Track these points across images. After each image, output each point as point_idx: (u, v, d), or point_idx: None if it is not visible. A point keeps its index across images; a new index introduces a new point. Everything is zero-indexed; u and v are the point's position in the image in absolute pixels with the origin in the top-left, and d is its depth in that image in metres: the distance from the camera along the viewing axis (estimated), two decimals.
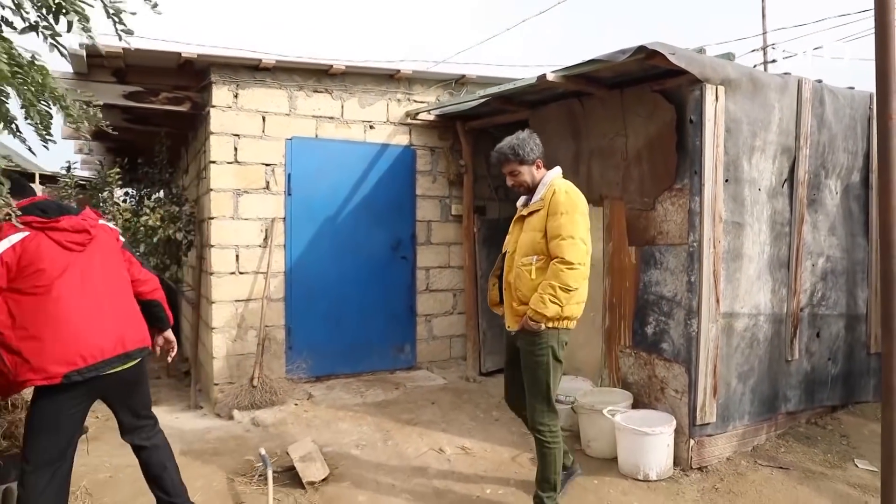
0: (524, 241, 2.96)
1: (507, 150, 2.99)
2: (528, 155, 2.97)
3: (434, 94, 5.88)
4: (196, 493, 3.47)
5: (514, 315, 3.00)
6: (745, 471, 3.66)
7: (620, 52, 3.45)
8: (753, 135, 3.74)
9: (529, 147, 2.98)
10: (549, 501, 3.02)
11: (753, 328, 3.87)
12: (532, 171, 3.01)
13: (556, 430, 3.00)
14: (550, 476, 3.01)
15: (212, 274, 5.04)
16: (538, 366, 2.93)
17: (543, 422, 2.98)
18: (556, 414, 3.02)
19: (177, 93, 5.16)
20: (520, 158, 2.97)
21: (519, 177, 3.01)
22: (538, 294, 2.84)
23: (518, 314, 2.96)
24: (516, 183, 3.05)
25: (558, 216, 2.85)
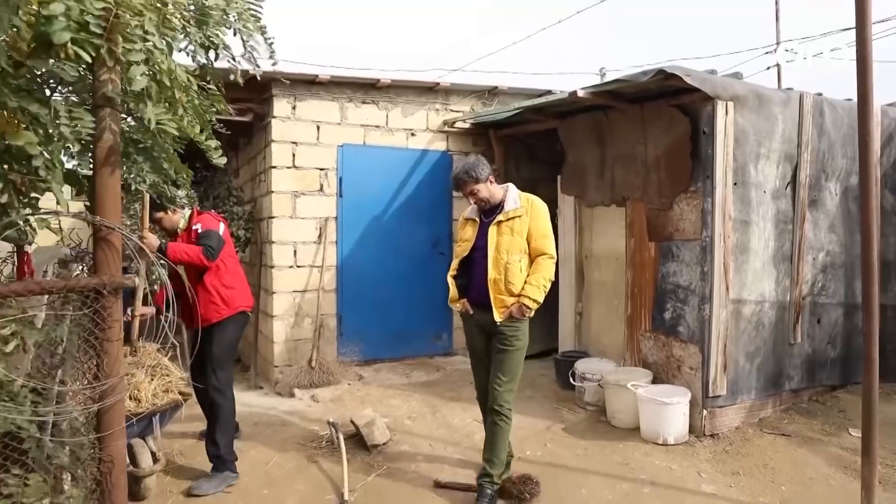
0: (511, 243, 3.36)
1: (464, 175, 3.38)
2: (481, 174, 3.38)
3: (469, 104, 6.44)
4: (274, 455, 4.08)
5: (502, 306, 3.33)
6: (751, 437, 4.20)
7: (643, 73, 4.00)
8: (759, 143, 4.27)
9: (480, 168, 3.37)
10: (497, 478, 3.36)
11: (759, 313, 4.40)
12: (488, 187, 3.42)
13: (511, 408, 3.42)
14: (502, 453, 3.39)
15: (272, 267, 5.65)
16: (518, 349, 3.40)
17: (509, 400, 3.37)
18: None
19: (241, 104, 5.76)
20: (475, 179, 3.37)
21: (479, 194, 3.42)
22: (533, 286, 3.30)
23: (506, 305, 3.36)
24: (478, 199, 3.44)
25: (539, 220, 3.40)
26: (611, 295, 5.16)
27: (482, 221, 3.53)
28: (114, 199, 1.66)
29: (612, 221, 5.09)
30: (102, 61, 1.57)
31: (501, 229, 3.41)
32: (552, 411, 4.87)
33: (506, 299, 3.34)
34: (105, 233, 1.66)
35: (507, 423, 3.39)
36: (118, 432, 1.68)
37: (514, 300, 3.33)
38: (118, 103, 1.66)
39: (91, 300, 1.64)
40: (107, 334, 1.64)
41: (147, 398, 3.40)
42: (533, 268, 3.38)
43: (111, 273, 1.65)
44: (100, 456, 1.66)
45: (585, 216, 5.47)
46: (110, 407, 1.66)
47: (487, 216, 3.51)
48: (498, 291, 3.35)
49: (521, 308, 3.31)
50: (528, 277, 3.35)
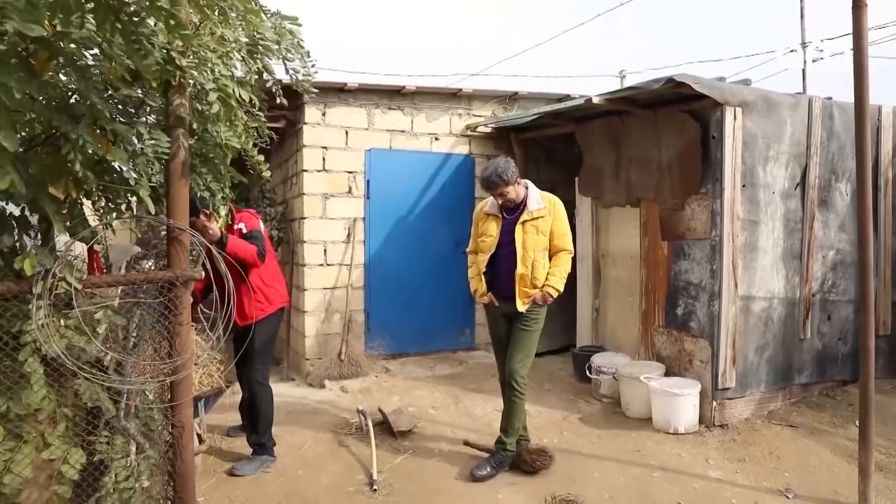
0: (536, 241, 3.67)
1: (496, 177, 3.62)
2: (511, 177, 3.66)
3: (490, 109, 6.70)
4: (308, 440, 4.39)
5: (525, 297, 3.69)
6: (759, 427, 4.39)
7: (654, 81, 4.22)
8: (768, 147, 4.46)
9: (510, 171, 3.65)
10: (510, 445, 3.78)
11: (768, 309, 4.58)
12: (516, 189, 3.71)
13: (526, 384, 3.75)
14: (516, 423, 3.78)
15: (304, 265, 5.98)
16: (535, 331, 3.76)
17: (524, 375, 3.72)
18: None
19: (274, 111, 6.09)
20: (506, 181, 3.64)
21: (508, 195, 3.70)
22: (556, 277, 3.70)
23: (529, 295, 3.68)
24: (506, 200, 3.71)
25: (560, 219, 3.76)
26: (626, 292, 5.38)
27: (505, 218, 3.80)
28: (184, 205, 1.97)
29: (627, 221, 5.31)
30: (177, 88, 1.87)
31: (527, 228, 3.71)
32: (569, 403, 5.10)
33: (529, 291, 3.70)
34: (177, 233, 1.96)
35: (522, 397, 3.76)
36: (187, 402, 1.98)
37: (536, 291, 3.69)
38: (187, 123, 1.97)
39: (165, 290, 1.95)
40: (178, 319, 1.94)
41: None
42: (554, 261, 3.75)
43: (182, 268, 1.95)
44: (172, 422, 1.97)
45: (602, 216, 5.70)
46: (181, 380, 1.97)
47: (510, 213, 3.79)
48: (524, 284, 3.69)
49: (544, 296, 3.69)
50: (550, 269, 3.73)
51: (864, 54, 3.26)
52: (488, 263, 3.84)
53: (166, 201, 1.96)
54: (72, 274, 1.80)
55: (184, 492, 1.98)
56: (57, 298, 1.84)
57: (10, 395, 1.89)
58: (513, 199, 3.73)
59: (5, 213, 1.85)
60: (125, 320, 1.91)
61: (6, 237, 1.81)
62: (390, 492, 3.60)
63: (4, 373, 1.88)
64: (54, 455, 1.84)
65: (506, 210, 3.82)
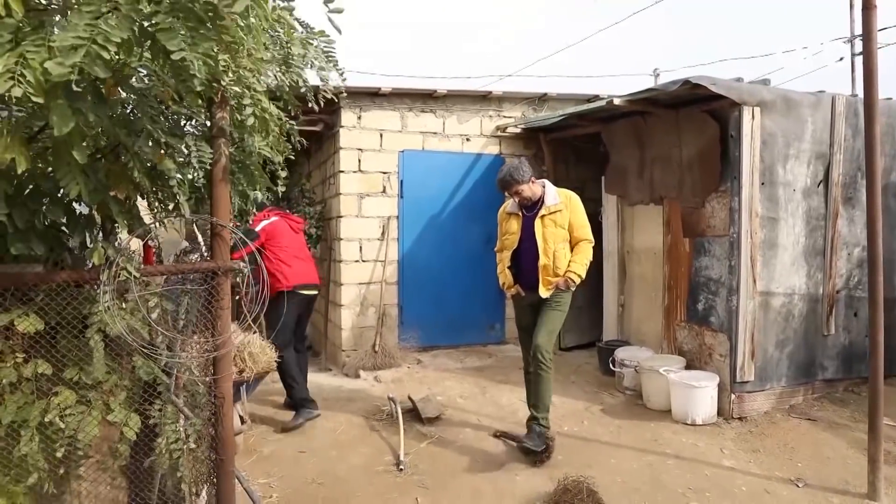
0: (556, 234, 3.94)
1: (509, 178, 3.92)
2: (524, 176, 3.92)
3: (520, 110, 6.90)
4: (342, 425, 4.70)
5: (548, 285, 3.95)
6: (777, 421, 4.48)
7: (672, 82, 4.36)
8: (787, 145, 4.53)
9: (522, 171, 3.92)
10: (543, 420, 4.01)
11: (789, 305, 4.66)
12: (530, 187, 3.96)
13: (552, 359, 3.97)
14: (545, 398, 4.01)
15: (340, 262, 6.30)
16: (560, 311, 4.02)
17: (549, 350, 3.96)
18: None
19: (312, 116, 6.43)
20: (518, 181, 3.91)
21: (522, 193, 3.96)
22: (577, 264, 3.94)
23: (552, 283, 3.95)
24: (522, 198, 3.98)
25: (577, 212, 4.01)
26: (650, 288, 5.51)
27: (525, 216, 4.08)
28: (225, 205, 2.26)
29: (650, 219, 5.44)
30: (219, 103, 2.17)
31: (545, 222, 3.98)
32: (593, 394, 5.27)
33: (552, 279, 3.96)
34: (219, 230, 2.26)
35: (548, 372, 3.98)
36: (227, 376, 2.28)
37: (559, 278, 3.95)
38: (228, 134, 2.26)
39: (209, 279, 2.25)
40: (220, 304, 2.25)
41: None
42: (576, 250, 4.01)
43: (223, 259, 2.25)
44: (214, 393, 2.27)
45: (627, 214, 5.83)
46: (222, 357, 2.27)
47: (529, 210, 4.06)
48: (546, 274, 3.97)
49: (566, 281, 3.94)
50: (572, 258, 3.97)
51: (873, 56, 3.35)
52: (513, 258, 4.13)
53: (210, 202, 2.26)
54: (131, 264, 2.11)
55: (224, 454, 2.27)
56: (119, 286, 2.16)
57: (81, 367, 2.23)
58: (528, 197, 3.99)
59: (76, 214, 2.18)
60: (174, 305, 2.22)
61: (77, 235, 2.15)
62: (415, 472, 3.86)
63: (78, 348, 2.22)
64: (116, 419, 2.17)
65: (525, 208, 4.08)
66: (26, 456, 2.08)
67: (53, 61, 1.51)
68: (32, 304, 2.15)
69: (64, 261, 2.19)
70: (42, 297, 2.18)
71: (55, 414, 2.09)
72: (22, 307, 2.11)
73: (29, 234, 2.02)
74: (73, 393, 2.15)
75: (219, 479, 2.28)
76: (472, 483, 3.69)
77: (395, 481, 3.75)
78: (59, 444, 2.12)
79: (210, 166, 2.23)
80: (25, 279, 2.03)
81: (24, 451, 2.09)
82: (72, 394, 2.14)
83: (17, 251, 2.02)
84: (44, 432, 2.12)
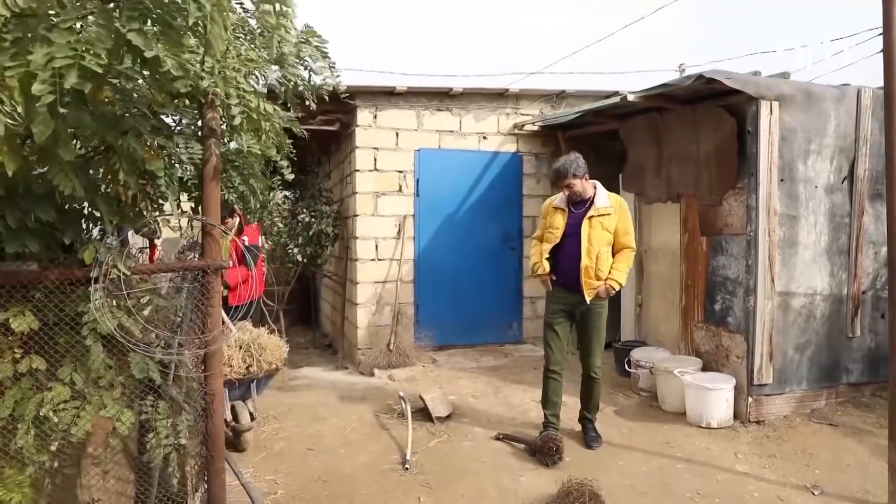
0: (601, 236, 3.88)
1: (564, 169, 3.90)
2: (578, 171, 3.90)
3: (538, 108, 6.83)
4: (353, 423, 4.71)
5: (591, 289, 3.90)
6: (797, 425, 4.34)
7: (686, 77, 4.25)
8: (808, 140, 4.38)
9: (579, 165, 3.91)
10: (595, 420, 4.21)
11: (810, 306, 4.50)
12: (582, 183, 3.92)
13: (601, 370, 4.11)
14: (596, 400, 4.22)
15: (356, 260, 6.33)
16: (603, 326, 4.04)
17: (599, 366, 4.10)
18: None
19: (328, 115, 6.49)
20: (573, 174, 3.88)
21: (573, 188, 3.93)
22: (619, 272, 3.91)
23: (594, 287, 3.89)
24: (572, 193, 3.95)
25: (626, 219, 3.98)
26: (667, 287, 5.40)
27: (572, 212, 4.04)
28: (215, 204, 2.28)
29: (668, 217, 5.32)
30: (208, 104, 2.19)
31: (593, 223, 3.94)
32: (607, 396, 5.18)
33: (593, 283, 3.92)
34: (209, 228, 2.29)
35: (600, 383, 4.19)
36: (217, 373, 2.30)
37: (600, 283, 3.92)
38: (219, 133, 2.28)
39: (200, 277, 2.28)
40: (210, 302, 2.27)
41: (238, 367, 4.10)
42: (618, 257, 3.96)
43: (213, 257, 2.27)
44: (205, 390, 2.29)
45: (645, 212, 5.72)
46: (213, 353, 2.29)
47: (577, 208, 4.02)
48: (588, 276, 3.92)
49: (607, 289, 3.91)
50: (614, 264, 3.93)
51: (893, 45, 3.21)
52: (552, 254, 4.09)
53: (201, 201, 2.28)
54: (122, 262, 2.15)
55: (214, 450, 2.30)
56: (114, 284, 2.20)
57: (77, 364, 2.28)
58: (578, 193, 3.95)
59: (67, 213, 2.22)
60: (167, 303, 2.25)
61: (71, 233, 2.19)
62: (421, 471, 3.85)
63: (74, 345, 2.27)
64: (109, 414, 2.21)
65: (573, 205, 4.04)
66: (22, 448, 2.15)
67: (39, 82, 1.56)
68: (30, 302, 2.20)
69: (58, 259, 2.24)
70: (40, 295, 2.24)
71: (49, 408, 2.14)
72: (19, 305, 2.17)
73: (22, 233, 2.07)
74: (68, 388, 2.20)
75: (209, 474, 2.31)
76: (476, 483, 3.66)
77: (399, 480, 3.75)
78: (53, 437, 2.17)
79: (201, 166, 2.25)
80: (19, 277, 2.09)
81: (19, 443, 2.14)
82: (65, 389, 2.19)
83: (11, 249, 2.07)
84: (39, 426, 2.17)
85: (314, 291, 8.94)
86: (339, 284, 7.06)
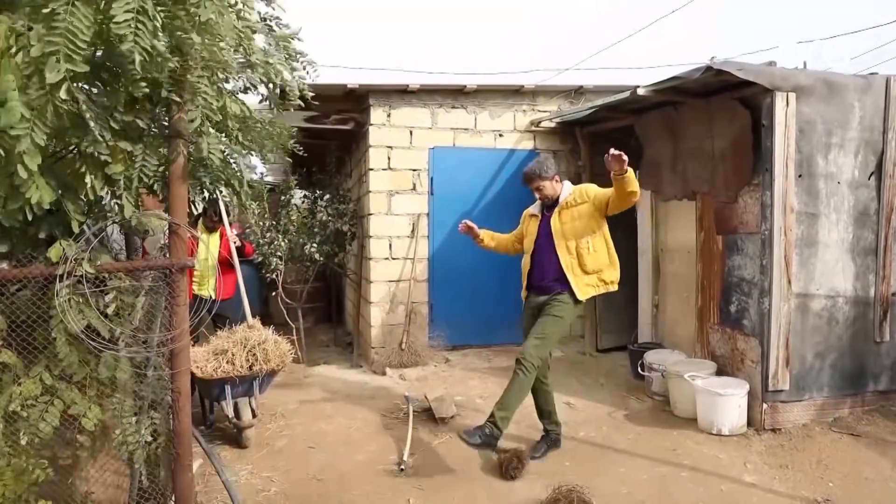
0: (574, 228, 3.73)
1: (532, 172, 3.83)
2: (547, 172, 3.78)
3: (556, 104, 6.69)
4: (357, 422, 4.69)
5: (585, 285, 3.76)
6: (815, 435, 4.11)
7: (695, 69, 4.08)
8: (829, 133, 4.15)
9: (547, 167, 3.79)
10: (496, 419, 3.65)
11: (831, 309, 4.26)
12: (552, 185, 3.81)
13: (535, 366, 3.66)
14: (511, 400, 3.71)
15: (370, 259, 6.33)
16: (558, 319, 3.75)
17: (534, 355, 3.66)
18: None
19: (343, 114, 6.50)
20: (540, 175, 3.78)
21: (543, 190, 3.83)
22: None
23: (587, 283, 3.76)
24: (542, 195, 3.84)
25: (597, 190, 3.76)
26: (683, 287, 5.20)
27: (544, 215, 3.95)
28: (182, 204, 2.28)
29: (683, 215, 5.13)
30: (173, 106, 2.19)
31: (563, 218, 3.82)
32: (620, 399, 5.04)
33: (584, 278, 3.76)
34: (175, 228, 2.29)
35: (525, 375, 3.66)
36: (184, 371, 2.30)
37: (591, 277, 3.74)
38: (185, 135, 2.28)
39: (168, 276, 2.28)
40: (176, 300, 2.27)
41: (241, 364, 4.14)
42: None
43: (178, 256, 2.27)
44: (171, 388, 2.30)
45: (661, 210, 5.53)
46: (179, 352, 2.29)
47: (549, 210, 3.92)
48: (574, 273, 3.76)
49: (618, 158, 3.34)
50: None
51: None
52: (532, 260, 3.98)
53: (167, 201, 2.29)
54: (88, 262, 2.17)
55: (180, 447, 2.30)
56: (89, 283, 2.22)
57: (49, 362, 2.32)
58: (549, 195, 3.86)
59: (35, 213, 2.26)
60: (132, 300, 2.26)
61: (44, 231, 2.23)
62: (415, 473, 3.80)
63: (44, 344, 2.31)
64: (77, 411, 2.24)
65: (546, 208, 3.95)
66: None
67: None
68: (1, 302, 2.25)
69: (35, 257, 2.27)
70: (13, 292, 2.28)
71: (17, 404, 2.18)
72: None
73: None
74: (39, 384, 2.24)
75: (175, 472, 2.31)
76: (469, 488, 3.59)
77: (392, 481, 3.71)
78: (24, 432, 2.21)
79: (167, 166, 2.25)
80: None
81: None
82: (36, 385, 2.23)
83: None
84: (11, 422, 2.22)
85: (336, 289, 8.99)
86: (355, 283, 7.07)
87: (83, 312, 2.20)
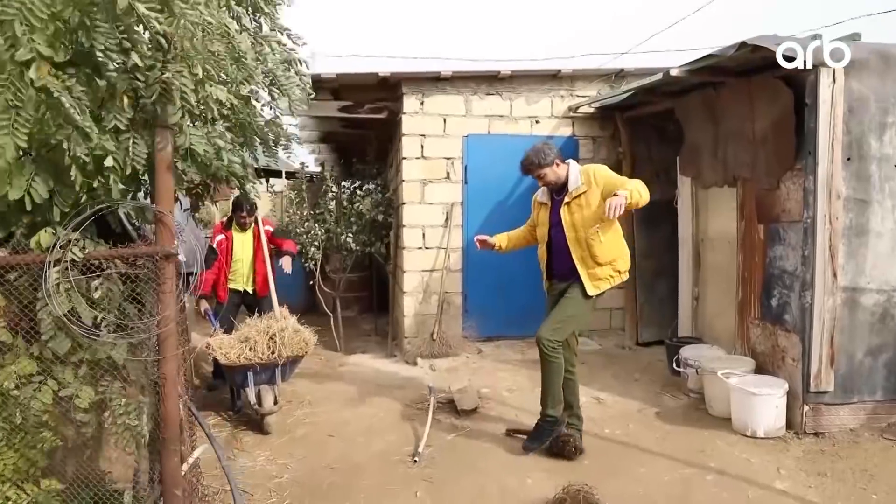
0: (584, 219, 3.56)
1: (528, 162, 3.69)
2: (546, 160, 3.61)
3: (595, 88, 6.43)
4: (380, 412, 4.68)
5: (596, 279, 3.61)
6: (863, 441, 3.79)
7: (729, 46, 3.80)
8: (884, 112, 3.78)
9: (544, 153, 3.61)
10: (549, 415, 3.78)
11: (886, 304, 3.91)
12: (554, 170, 3.63)
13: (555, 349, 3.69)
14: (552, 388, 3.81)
15: (404, 248, 6.30)
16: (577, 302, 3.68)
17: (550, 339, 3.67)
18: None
19: (377, 104, 6.48)
20: (539, 164, 3.62)
21: (546, 178, 3.67)
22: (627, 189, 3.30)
23: (598, 276, 3.61)
24: (545, 182, 3.70)
25: (608, 178, 3.57)
26: (723, 279, 4.90)
27: (554, 200, 3.81)
28: (168, 194, 2.30)
29: (724, 203, 4.83)
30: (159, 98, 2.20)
31: (572, 208, 3.67)
32: (653, 395, 4.82)
33: (596, 271, 3.63)
34: (160, 216, 2.31)
35: (550, 360, 3.70)
36: (171, 357, 2.32)
37: (605, 268, 3.62)
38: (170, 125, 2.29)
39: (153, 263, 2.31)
40: (162, 287, 2.29)
41: (262, 351, 4.20)
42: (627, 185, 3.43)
43: (163, 245, 2.29)
44: (158, 374, 2.33)
45: (701, 198, 5.23)
46: (165, 338, 2.32)
47: (558, 195, 3.77)
48: (586, 266, 3.64)
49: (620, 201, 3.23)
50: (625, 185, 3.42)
51: None
52: (547, 249, 3.87)
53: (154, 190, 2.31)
54: (78, 248, 2.22)
55: (167, 433, 2.33)
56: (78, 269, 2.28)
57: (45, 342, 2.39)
58: (553, 181, 3.73)
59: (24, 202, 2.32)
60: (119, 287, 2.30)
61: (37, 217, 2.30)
62: (429, 465, 3.74)
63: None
64: (69, 391, 2.30)
65: (555, 193, 3.80)
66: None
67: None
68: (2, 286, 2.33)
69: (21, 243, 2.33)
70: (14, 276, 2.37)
71: (12, 381, 2.25)
72: None
73: None
74: (34, 363, 2.31)
75: (162, 457, 2.34)
76: (481, 481, 3.50)
77: (405, 472, 3.67)
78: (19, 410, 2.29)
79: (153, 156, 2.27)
80: None
81: None
82: (31, 364, 2.30)
83: None
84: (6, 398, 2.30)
85: (378, 279, 9.03)
86: (391, 272, 7.07)
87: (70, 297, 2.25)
